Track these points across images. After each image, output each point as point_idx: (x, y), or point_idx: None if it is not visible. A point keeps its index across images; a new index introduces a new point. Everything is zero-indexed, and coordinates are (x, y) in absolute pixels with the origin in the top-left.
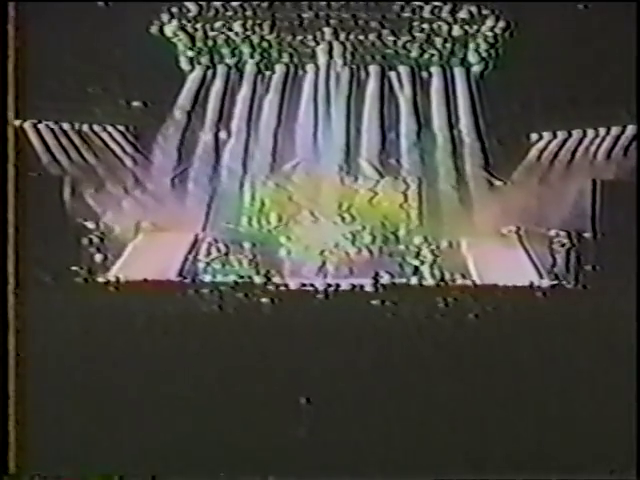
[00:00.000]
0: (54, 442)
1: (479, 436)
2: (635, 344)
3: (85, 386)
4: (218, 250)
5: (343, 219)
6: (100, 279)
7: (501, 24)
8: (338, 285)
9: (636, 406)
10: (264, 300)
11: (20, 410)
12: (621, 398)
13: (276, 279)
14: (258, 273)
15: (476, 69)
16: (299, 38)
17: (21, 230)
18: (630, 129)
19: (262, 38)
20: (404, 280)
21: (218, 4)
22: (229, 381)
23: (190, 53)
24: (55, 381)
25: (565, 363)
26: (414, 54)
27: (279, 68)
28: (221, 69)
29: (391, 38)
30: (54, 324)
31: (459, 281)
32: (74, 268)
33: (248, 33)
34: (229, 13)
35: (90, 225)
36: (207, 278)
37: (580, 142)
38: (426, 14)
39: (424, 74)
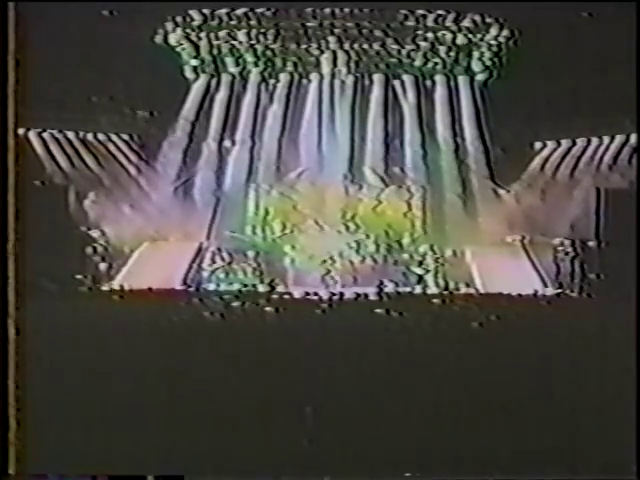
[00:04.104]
0: (54, 444)
1: (482, 439)
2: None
3: (87, 392)
4: (222, 259)
5: (347, 228)
6: (104, 288)
7: (505, 33)
8: (342, 294)
9: (636, 408)
10: (268, 309)
11: (21, 413)
12: (623, 403)
13: (280, 288)
14: (262, 282)
15: (480, 78)
16: (303, 47)
17: (25, 239)
18: (634, 138)
19: (266, 47)
20: (408, 289)
21: (222, 13)
22: (233, 390)
23: (194, 62)
24: (57, 386)
25: (569, 371)
26: (418, 63)
27: (283, 77)
28: (225, 78)
29: (395, 47)
30: (58, 332)
31: (463, 290)
32: (79, 277)
33: (252, 42)
34: (233, 22)
35: (94, 234)
36: (211, 287)
37: (584, 151)
38: (430, 23)
39: (428, 83)
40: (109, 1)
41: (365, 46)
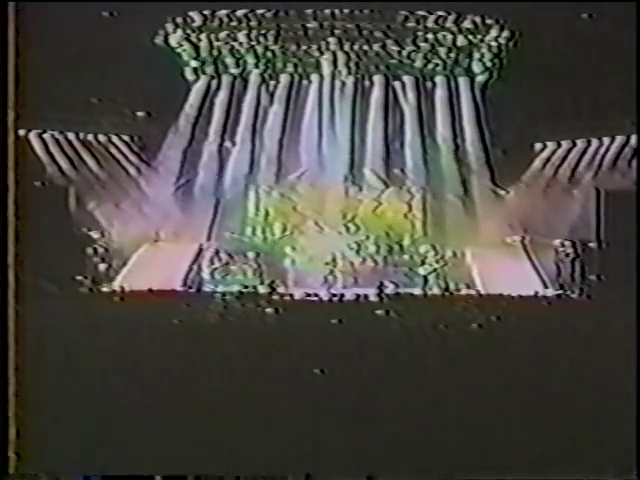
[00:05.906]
0: (54, 443)
1: (482, 440)
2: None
3: (87, 392)
4: (222, 260)
5: (348, 229)
6: (105, 289)
7: (505, 34)
8: (342, 295)
9: (636, 408)
10: (268, 310)
11: (21, 413)
12: (624, 404)
13: (280, 289)
14: (262, 283)
15: (480, 79)
16: (304, 48)
17: (25, 239)
18: (634, 139)
19: (267, 48)
20: (408, 290)
21: (223, 14)
22: (233, 391)
23: (195, 63)
24: (57, 387)
25: (569, 371)
26: (418, 64)
27: (284, 78)
28: (226, 79)
29: (395, 48)
30: (58, 333)
31: (464, 291)
32: (79, 278)
33: (253, 43)
34: (234, 23)
35: (95, 235)
36: (211, 288)
37: (584, 152)
38: (430, 24)
39: (428, 84)
40: (109, 1)
41: (365, 47)
